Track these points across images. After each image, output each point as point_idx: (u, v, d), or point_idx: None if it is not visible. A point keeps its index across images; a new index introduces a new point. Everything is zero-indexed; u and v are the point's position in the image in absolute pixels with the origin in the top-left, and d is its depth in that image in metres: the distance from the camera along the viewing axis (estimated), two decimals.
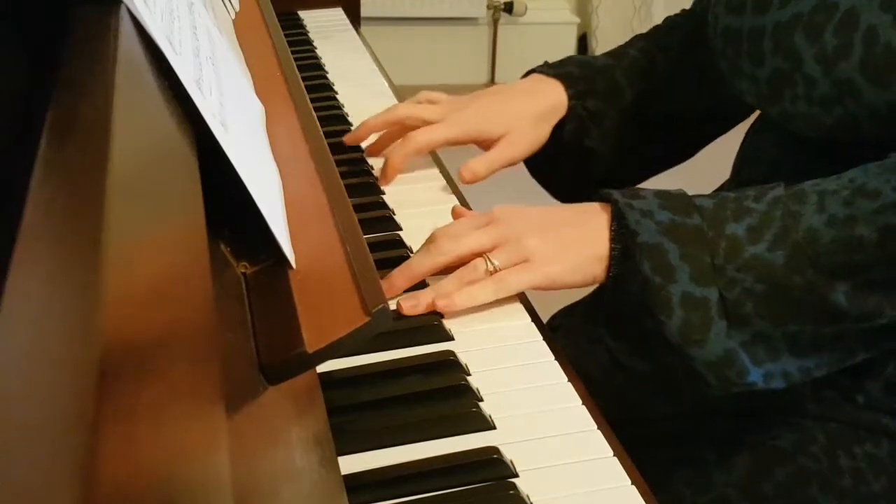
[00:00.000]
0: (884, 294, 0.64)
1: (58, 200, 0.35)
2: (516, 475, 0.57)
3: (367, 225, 0.74)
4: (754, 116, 0.91)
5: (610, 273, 0.70)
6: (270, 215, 0.51)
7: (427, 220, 0.79)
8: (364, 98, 1.12)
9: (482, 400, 0.63)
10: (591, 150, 0.97)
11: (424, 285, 0.73)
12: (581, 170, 0.98)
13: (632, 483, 0.57)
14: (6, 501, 0.22)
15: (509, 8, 3.05)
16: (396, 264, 0.73)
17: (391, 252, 0.78)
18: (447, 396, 0.63)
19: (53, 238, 0.33)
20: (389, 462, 0.58)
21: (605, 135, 0.96)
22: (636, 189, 0.72)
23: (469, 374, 0.65)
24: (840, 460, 0.74)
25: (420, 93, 0.97)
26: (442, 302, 0.70)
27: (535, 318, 0.72)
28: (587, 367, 0.73)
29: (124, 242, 0.33)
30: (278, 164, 0.61)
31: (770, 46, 0.73)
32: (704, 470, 0.76)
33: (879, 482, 0.74)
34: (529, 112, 0.93)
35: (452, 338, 0.69)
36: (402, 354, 0.66)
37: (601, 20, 3.11)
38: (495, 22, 3.08)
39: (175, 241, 0.40)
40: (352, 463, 0.57)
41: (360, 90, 1.16)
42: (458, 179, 0.91)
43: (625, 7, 3.12)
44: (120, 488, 0.25)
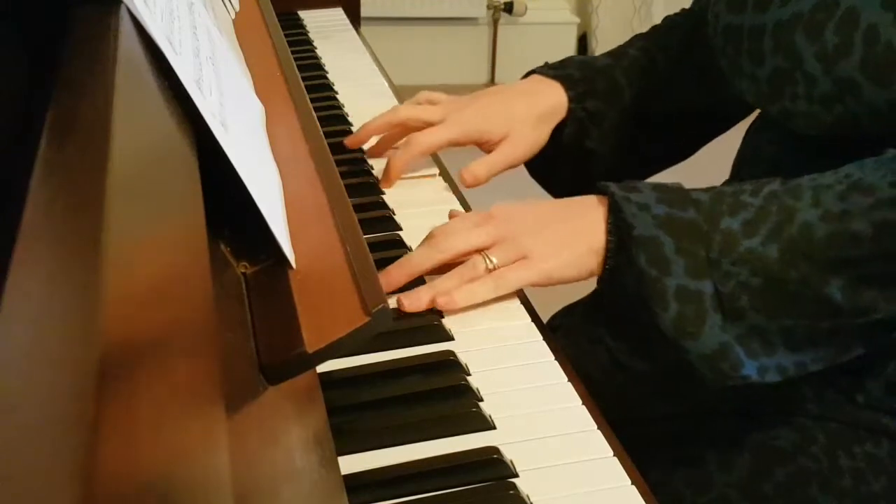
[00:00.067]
0: (879, 289, 0.64)
1: (58, 200, 0.35)
2: (516, 475, 0.57)
3: (367, 225, 0.74)
4: (754, 115, 0.91)
5: (606, 266, 0.71)
6: (270, 215, 0.51)
7: (427, 220, 0.79)
8: (364, 98, 1.12)
9: (482, 400, 0.63)
10: (591, 151, 0.97)
11: (422, 282, 0.73)
12: (581, 170, 0.98)
13: (632, 483, 0.57)
14: (6, 501, 0.22)
15: (509, 8, 3.05)
16: None
17: (391, 252, 0.78)
18: (447, 396, 0.63)
19: (53, 238, 0.33)
20: (389, 462, 0.58)
21: (605, 135, 0.96)
22: (633, 182, 0.72)
23: (469, 374, 0.65)
24: (840, 460, 0.74)
25: (420, 93, 0.97)
26: (442, 299, 0.70)
27: (535, 318, 0.72)
28: (587, 367, 0.73)
29: (124, 242, 0.33)
30: (278, 164, 0.61)
31: (770, 45, 0.73)
32: (704, 470, 0.76)
33: (879, 482, 0.74)
34: (530, 113, 0.93)
35: (452, 338, 0.69)
36: (402, 354, 0.67)
37: (601, 20, 3.11)
38: (495, 22, 3.07)
39: (175, 241, 0.40)
40: (352, 463, 0.57)
41: (360, 90, 1.16)
42: (459, 181, 0.91)
43: (625, 7, 3.12)
44: (120, 488, 0.25)
